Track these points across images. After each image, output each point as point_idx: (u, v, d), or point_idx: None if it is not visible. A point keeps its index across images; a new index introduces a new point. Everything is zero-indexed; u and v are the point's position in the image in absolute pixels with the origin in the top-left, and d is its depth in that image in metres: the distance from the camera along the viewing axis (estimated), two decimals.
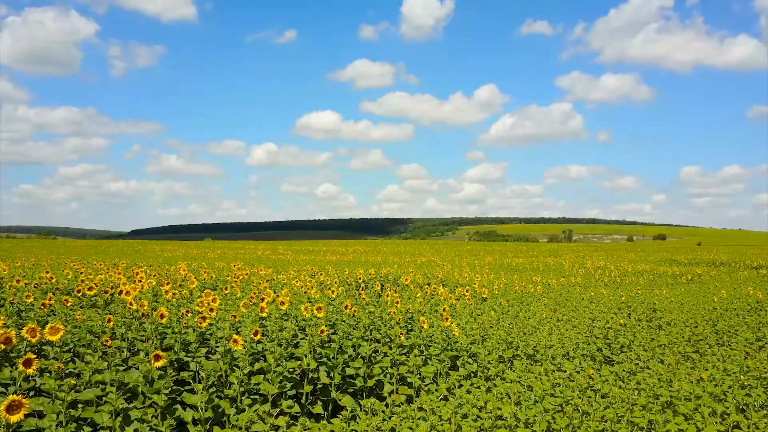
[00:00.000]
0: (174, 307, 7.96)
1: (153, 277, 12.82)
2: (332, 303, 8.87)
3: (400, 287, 12.79)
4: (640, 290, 13.92)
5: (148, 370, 4.78)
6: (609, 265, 26.08)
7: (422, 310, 8.63)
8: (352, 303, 9.42)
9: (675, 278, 21.41)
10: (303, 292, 8.90)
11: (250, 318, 6.54)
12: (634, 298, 11.88)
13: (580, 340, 7.86)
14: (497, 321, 8.91)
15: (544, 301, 11.67)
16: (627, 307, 11.27)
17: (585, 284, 17.62)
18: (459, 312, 9.04)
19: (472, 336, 7.36)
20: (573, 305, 11.97)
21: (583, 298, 12.87)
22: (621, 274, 22.25)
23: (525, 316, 9.55)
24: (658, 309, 10.85)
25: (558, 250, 54.02)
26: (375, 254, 40.57)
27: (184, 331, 6.04)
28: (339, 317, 7.25)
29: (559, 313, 10.64)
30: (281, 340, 5.63)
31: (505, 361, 6.92)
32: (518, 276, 18.72)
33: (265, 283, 11.96)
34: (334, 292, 8.73)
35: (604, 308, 11.26)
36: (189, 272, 13.34)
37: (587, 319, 10.09)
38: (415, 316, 8.35)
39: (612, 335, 8.10)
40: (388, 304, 9.02)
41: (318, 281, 12.82)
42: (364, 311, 7.83)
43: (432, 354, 6.43)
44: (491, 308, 10.07)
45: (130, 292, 7.95)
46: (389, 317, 7.47)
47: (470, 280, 15.02)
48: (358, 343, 6.03)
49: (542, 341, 7.59)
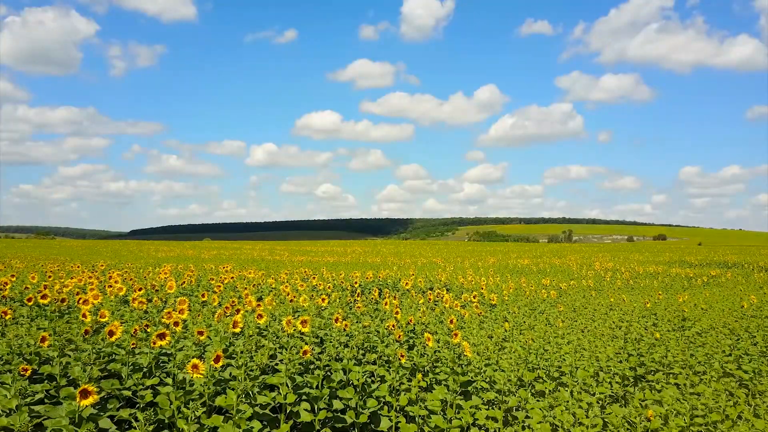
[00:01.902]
0: (135, 320, 6.86)
1: (130, 281, 11.71)
2: (322, 313, 7.78)
3: (400, 292, 11.69)
4: (661, 294, 12.81)
5: (74, 410, 3.68)
6: (619, 267, 24.97)
7: (426, 321, 7.54)
8: (346, 313, 8.31)
9: (690, 280, 20.32)
10: (290, 299, 7.79)
11: (220, 335, 5.44)
12: (658, 305, 10.77)
13: (608, 354, 6.75)
14: (511, 333, 7.81)
15: (559, 307, 10.58)
16: (651, 314, 10.18)
17: (598, 287, 16.53)
18: (467, 323, 7.95)
19: (485, 354, 6.26)
20: (590, 312, 10.88)
21: (600, 304, 11.76)
22: (632, 276, 21.15)
23: (541, 327, 8.45)
24: (688, 317, 9.74)
25: (561, 251, 52.88)
26: (374, 255, 39.46)
27: (138, 351, 4.94)
28: (328, 332, 6.15)
29: (579, 322, 9.54)
30: (252, 365, 4.52)
31: (525, 384, 5.82)
32: (525, 279, 17.62)
33: (251, 287, 10.86)
34: (325, 300, 7.63)
35: (626, 316, 10.16)
36: (170, 276, 12.24)
37: (609, 329, 9.01)
38: (417, 328, 7.25)
39: (645, 349, 7.00)
40: (386, 315, 7.92)
41: (310, 286, 11.73)
42: (358, 324, 6.73)
43: (439, 378, 5.33)
44: (503, 317, 8.98)
45: (89, 300, 6.87)
46: (387, 331, 6.37)
47: (476, 284, 13.91)
48: (349, 366, 4.92)
49: (567, 359, 6.49)
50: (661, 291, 15.91)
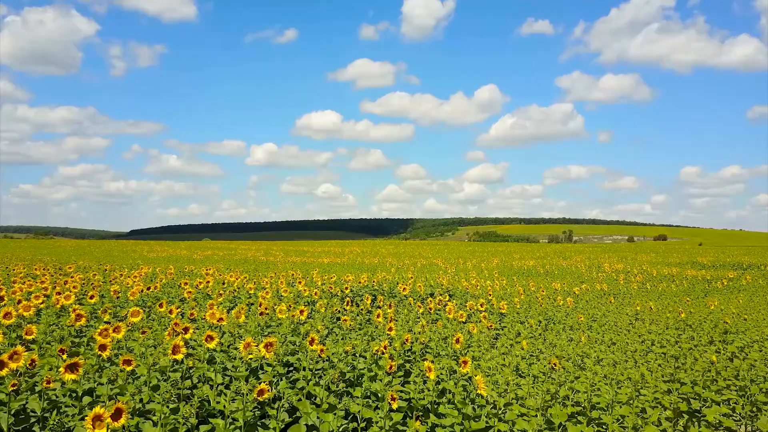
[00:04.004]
0: (64, 339, 5.55)
1: (93, 286, 10.39)
2: (301, 328, 6.45)
3: (397, 299, 10.35)
4: (689, 300, 11.48)
5: None
6: (631, 269, 23.62)
7: (426, 338, 6.20)
8: (331, 326, 6.97)
9: (708, 283, 19.01)
10: (262, 311, 6.46)
11: (156, 365, 4.11)
12: (693, 314, 9.43)
13: (653, 382, 5.43)
14: (529, 352, 6.48)
15: (578, 317, 9.25)
16: (686, 326, 8.85)
17: (613, 291, 15.20)
18: (477, 340, 6.62)
19: (501, 385, 4.93)
20: (612, 322, 9.55)
21: (623, 312, 10.44)
22: (646, 279, 19.83)
23: (563, 343, 7.12)
24: (730, 329, 8.42)
25: (565, 252, 51.53)
26: (372, 256, 38.12)
27: (25, 395, 3.61)
28: (302, 356, 4.82)
29: (603, 334, 8.21)
30: (177, 419, 3.20)
31: (555, 427, 4.50)
32: (534, 282, 16.29)
33: (227, 294, 9.53)
34: (303, 312, 6.29)
35: (656, 326, 8.85)
36: (139, 280, 10.90)
37: (639, 343, 7.69)
38: (415, 347, 5.92)
39: (700, 377, 5.66)
40: (379, 330, 6.59)
41: (296, 292, 10.40)
42: (342, 343, 5.40)
43: (444, 425, 4.00)
44: (518, 332, 7.65)
45: (11, 314, 5.58)
46: (377, 355, 5.04)
47: (482, 289, 12.57)
48: (320, 413, 3.59)
49: (602, 388, 5.16)
50: (681, 295, 14.58)
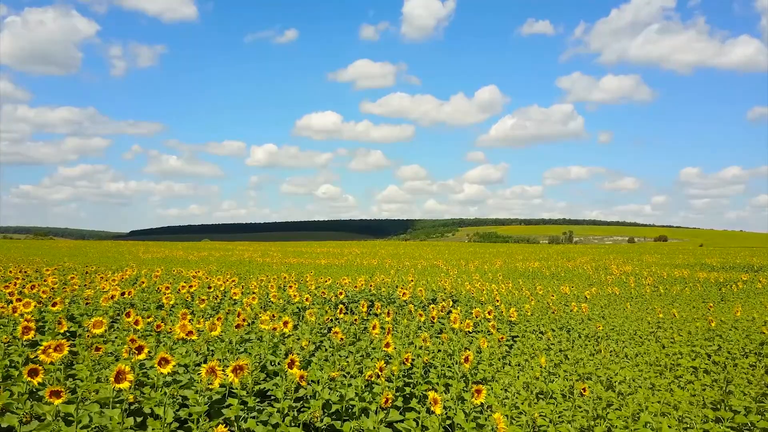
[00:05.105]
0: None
1: (64, 291, 9.52)
2: (285, 341, 5.59)
3: (397, 305, 9.49)
4: (712, 305, 10.61)
5: None
6: (640, 271, 22.74)
7: (429, 355, 5.34)
8: (319, 341, 6.10)
9: (721, 286, 18.14)
10: (239, 323, 5.58)
11: (86, 401, 3.25)
12: (724, 323, 8.56)
13: (700, 413, 4.56)
14: (547, 371, 5.62)
15: (597, 326, 8.38)
16: (717, 336, 7.98)
17: (626, 296, 14.33)
18: (487, 356, 5.75)
19: (517, 415, 4.06)
20: (632, 331, 8.70)
21: (647, 321, 9.57)
22: (657, 282, 18.96)
23: (584, 356, 6.25)
24: (766, 340, 7.54)
25: (568, 253, 50.64)
26: (371, 257, 37.24)
27: None
28: (280, 383, 3.96)
29: (625, 347, 7.35)
30: None
31: None
32: (541, 285, 15.42)
33: (210, 300, 8.67)
34: (288, 324, 5.42)
35: (682, 337, 7.98)
36: (115, 285, 10.02)
37: (665, 356, 6.84)
38: (417, 364, 5.06)
39: (753, 404, 4.79)
40: (374, 344, 5.72)
41: (286, 297, 9.54)
42: (329, 366, 4.53)
43: None
44: (534, 345, 6.78)
45: None
46: (371, 379, 4.18)
47: (488, 293, 11.71)
48: None
49: (641, 416, 4.30)
50: (702, 300, 13.72)
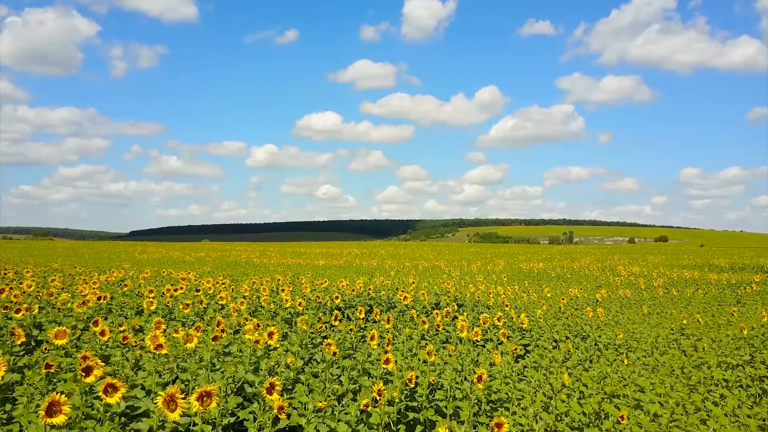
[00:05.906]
0: None
1: (37, 295, 8.83)
2: (270, 354, 4.90)
3: (397, 311, 8.80)
4: (735, 310, 9.92)
5: None
6: (649, 272, 22.04)
7: (435, 375, 4.65)
8: (309, 355, 5.41)
9: (735, 288, 17.46)
10: (216, 334, 4.90)
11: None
12: (755, 333, 7.87)
13: None
14: (570, 389, 4.93)
15: (615, 332, 7.69)
16: (748, 344, 7.29)
17: (638, 299, 13.64)
18: (501, 371, 5.06)
19: None
20: (653, 339, 8.01)
21: (666, 327, 8.88)
22: (668, 283, 18.26)
23: (615, 379, 5.56)
24: None
25: (571, 253, 49.93)
26: (371, 258, 36.54)
27: None
28: (257, 411, 3.28)
29: (647, 357, 6.66)
30: None
31: None
32: (548, 287, 14.73)
33: (196, 305, 7.98)
34: (273, 336, 4.74)
35: (710, 345, 7.30)
36: (96, 289, 9.34)
37: (691, 367, 6.16)
38: (422, 383, 4.38)
39: None
40: (371, 360, 5.03)
41: (278, 301, 8.87)
42: (318, 391, 3.84)
43: None
44: (550, 356, 6.08)
45: None
46: (370, 405, 3.49)
47: (495, 296, 11.02)
48: None
49: None
50: (718, 304, 13.03)
